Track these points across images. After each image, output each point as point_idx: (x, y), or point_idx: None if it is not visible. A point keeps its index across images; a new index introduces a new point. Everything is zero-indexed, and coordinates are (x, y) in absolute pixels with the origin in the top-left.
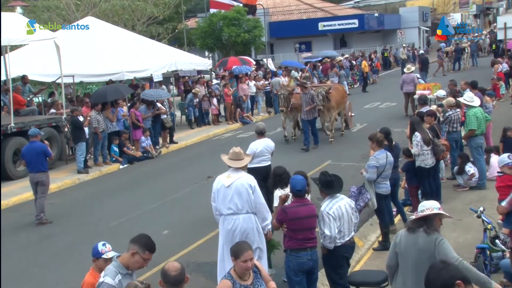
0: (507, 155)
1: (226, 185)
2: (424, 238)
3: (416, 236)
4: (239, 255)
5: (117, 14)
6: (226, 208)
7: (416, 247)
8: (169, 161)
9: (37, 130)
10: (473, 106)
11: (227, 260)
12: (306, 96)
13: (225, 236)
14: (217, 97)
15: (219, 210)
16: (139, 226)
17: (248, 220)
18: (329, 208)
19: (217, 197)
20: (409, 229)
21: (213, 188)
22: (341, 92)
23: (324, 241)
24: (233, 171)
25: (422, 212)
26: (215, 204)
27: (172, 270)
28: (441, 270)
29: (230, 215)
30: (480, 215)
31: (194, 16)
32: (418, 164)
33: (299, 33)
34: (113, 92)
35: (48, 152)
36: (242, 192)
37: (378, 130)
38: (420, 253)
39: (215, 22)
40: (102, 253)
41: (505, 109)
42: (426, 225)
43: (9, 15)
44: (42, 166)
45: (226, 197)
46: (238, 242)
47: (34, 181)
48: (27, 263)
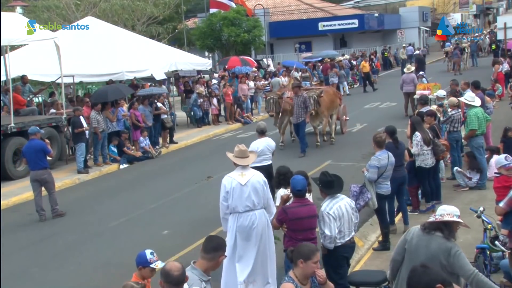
0: (504, 156)
1: (242, 183)
2: (439, 243)
3: (430, 238)
4: (311, 256)
5: (117, 14)
6: (243, 205)
7: (428, 250)
8: (169, 161)
9: (36, 128)
10: (474, 106)
11: (244, 259)
12: (299, 99)
13: (240, 233)
14: (217, 97)
15: (233, 209)
16: (139, 226)
17: (262, 215)
18: (329, 208)
19: (232, 196)
20: (425, 229)
21: (225, 188)
22: (331, 96)
23: (324, 241)
24: (243, 169)
25: (441, 216)
26: (228, 203)
27: (175, 270)
28: (422, 274)
29: (246, 212)
30: (480, 215)
31: (194, 16)
32: (418, 164)
33: (299, 33)
34: (114, 92)
35: (47, 149)
36: (259, 189)
37: (384, 129)
38: (430, 257)
39: (214, 23)
40: (150, 262)
41: (505, 109)
42: (446, 230)
43: (9, 15)
44: (42, 162)
45: (242, 195)
46: (306, 244)
47: (35, 179)
48: (27, 263)
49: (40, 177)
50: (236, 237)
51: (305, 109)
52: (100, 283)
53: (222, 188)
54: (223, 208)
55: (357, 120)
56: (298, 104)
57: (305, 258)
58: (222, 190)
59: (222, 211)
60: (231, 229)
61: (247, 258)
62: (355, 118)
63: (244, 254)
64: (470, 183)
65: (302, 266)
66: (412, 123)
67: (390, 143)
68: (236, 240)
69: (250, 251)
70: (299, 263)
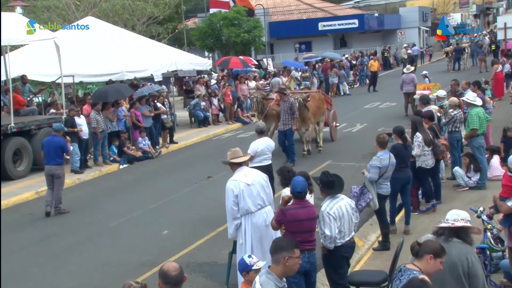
0: None
1: (249, 182)
2: (459, 248)
3: (449, 246)
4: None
5: (117, 14)
6: (255, 204)
7: (449, 257)
8: (169, 161)
9: (60, 126)
10: (475, 106)
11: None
12: (285, 104)
13: (256, 231)
14: (217, 97)
15: (246, 210)
16: (139, 226)
17: (270, 211)
18: (329, 208)
19: (243, 198)
20: (440, 235)
21: (233, 192)
22: (317, 102)
23: (325, 241)
24: (244, 169)
25: (455, 221)
26: (239, 206)
27: (173, 270)
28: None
29: (258, 210)
30: (480, 215)
31: (194, 16)
32: (419, 165)
33: (299, 33)
34: (114, 92)
35: (66, 147)
36: (264, 185)
37: (392, 129)
38: (451, 266)
39: (215, 23)
40: (251, 265)
41: (505, 109)
42: (465, 236)
43: (9, 15)
44: (59, 159)
45: (252, 194)
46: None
47: (49, 174)
48: (27, 263)
49: (54, 172)
50: (252, 239)
51: (292, 115)
52: (100, 283)
53: (229, 193)
54: (233, 213)
55: (357, 120)
56: (284, 110)
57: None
58: (229, 195)
59: (232, 216)
60: (243, 232)
61: (262, 257)
62: (355, 118)
63: (263, 255)
64: (469, 183)
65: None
66: (413, 123)
67: (399, 144)
68: (252, 242)
69: (266, 252)
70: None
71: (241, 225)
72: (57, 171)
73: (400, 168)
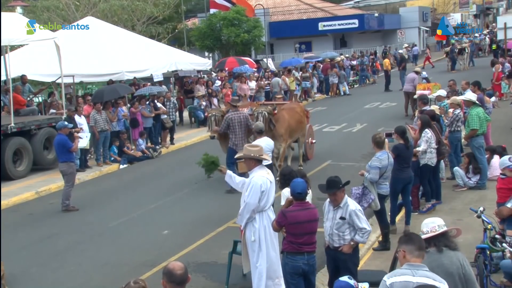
0: (508, 158)
1: (272, 180)
2: (449, 256)
3: (439, 257)
4: None
5: (116, 14)
6: (270, 202)
7: (442, 269)
8: (169, 161)
9: (62, 124)
10: (475, 105)
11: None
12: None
13: (265, 230)
14: (217, 97)
15: (263, 207)
16: (139, 226)
17: (273, 211)
18: (355, 205)
19: (267, 194)
20: (436, 250)
21: (261, 188)
22: (297, 115)
23: (363, 237)
24: (264, 168)
25: (433, 228)
26: (261, 203)
27: (178, 269)
28: None
29: (269, 208)
30: (480, 215)
31: (194, 16)
32: (425, 162)
33: (299, 33)
34: (110, 92)
35: (67, 144)
36: (274, 185)
37: (394, 129)
38: (448, 275)
39: (214, 23)
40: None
41: (505, 109)
42: (447, 240)
43: (9, 15)
44: (64, 156)
45: (271, 192)
46: None
47: (59, 170)
48: (27, 263)
49: (60, 169)
50: (265, 236)
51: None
52: (100, 283)
53: (257, 189)
54: (255, 208)
55: (357, 120)
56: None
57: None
58: (257, 191)
59: (252, 210)
60: (256, 230)
61: (275, 256)
62: (355, 118)
63: (273, 256)
64: (469, 183)
65: None
66: (422, 122)
67: (401, 144)
68: (265, 240)
69: (276, 250)
70: None
71: (255, 223)
72: (62, 168)
73: (402, 168)
